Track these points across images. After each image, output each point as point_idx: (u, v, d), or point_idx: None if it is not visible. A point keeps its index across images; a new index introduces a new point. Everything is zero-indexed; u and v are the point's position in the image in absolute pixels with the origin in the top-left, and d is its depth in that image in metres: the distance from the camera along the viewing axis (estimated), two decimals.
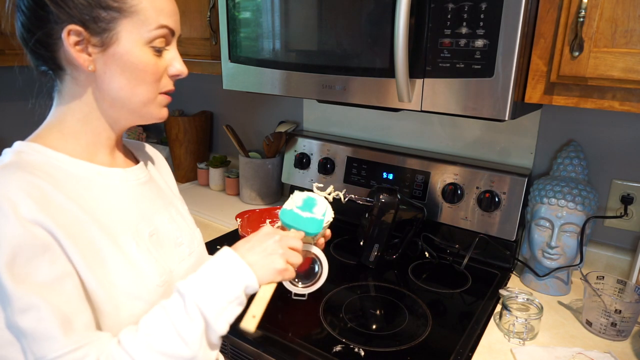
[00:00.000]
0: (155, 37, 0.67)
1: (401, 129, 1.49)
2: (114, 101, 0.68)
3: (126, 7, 0.64)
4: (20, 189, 0.58)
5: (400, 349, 0.94)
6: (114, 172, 0.72)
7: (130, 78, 0.67)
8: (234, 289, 0.65)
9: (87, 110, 0.69)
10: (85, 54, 0.64)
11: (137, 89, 0.68)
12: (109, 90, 0.67)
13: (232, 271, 0.66)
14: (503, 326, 1.01)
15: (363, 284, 1.20)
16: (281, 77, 1.14)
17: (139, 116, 0.71)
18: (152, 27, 0.66)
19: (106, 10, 0.63)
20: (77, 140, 0.69)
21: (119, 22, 0.64)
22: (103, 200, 0.68)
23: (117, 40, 0.64)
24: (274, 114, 1.78)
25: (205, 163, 1.91)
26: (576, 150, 1.17)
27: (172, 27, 0.69)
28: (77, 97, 0.68)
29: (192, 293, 0.62)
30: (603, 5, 0.78)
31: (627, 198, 1.16)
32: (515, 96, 0.86)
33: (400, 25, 0.86)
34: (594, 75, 0.81)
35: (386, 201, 1.22)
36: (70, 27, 0.62)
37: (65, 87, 0.68)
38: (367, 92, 1.01)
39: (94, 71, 0.65)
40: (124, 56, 0.65)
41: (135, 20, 0.65)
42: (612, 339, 0.98)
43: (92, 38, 0.63)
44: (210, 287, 0.64)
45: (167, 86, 0.71)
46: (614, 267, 1.21)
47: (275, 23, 1.11)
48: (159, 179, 0.86)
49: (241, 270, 0.66)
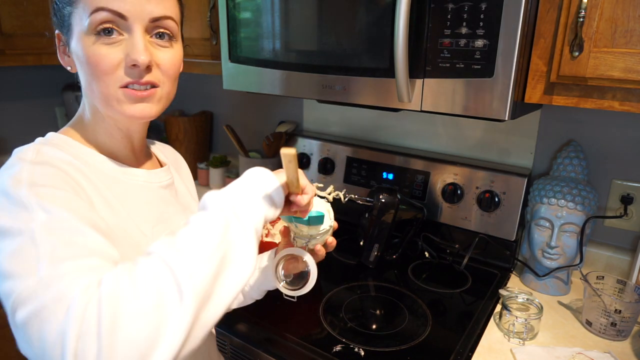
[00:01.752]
0: (95, 24, 0.59)
1: (401, 129, 1.49)
2: (92, 99, 0.67)
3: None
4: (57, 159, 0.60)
5: (400, 349, 0.94)
6: (138, 173, 0.72)
7: (86, 73, 0.62)
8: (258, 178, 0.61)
9: (92, 109, 0.69)
10: (67, 56, 0.66)
11: (92, 84, 0.63)
12: (84, 89, 0.68)
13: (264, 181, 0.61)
14: (503, 326, 1.01)
15: (363, 284, 1.20)
16: (281, 77, 1.14)
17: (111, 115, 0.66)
18: (88, 12, 0.60)
19: (65, 7, 0.63)
20: (96, 137, 0.70)
21: (72, 16, 0.62)
22: (124, 199, 0.68)
23: (72, 34, 0.63)
24: (274, 114, 1.78)
25: (205, 163, 1.91)
26: (576, 150, 1.17)
27: (113, 8, 0.60)
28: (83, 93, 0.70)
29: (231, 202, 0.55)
30: (603, 6, 0.78)
31: (627, 198, 1.16)
32: (515, 96, 0.87)
33: (400, 26, 0.86)
34: (594, 75, 0.81)
35: (386, 201, 1.22)
36: (57, 33, 0.66)
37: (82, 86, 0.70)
38: (367, 92, 1.01)
39: (74, 72, 0.67)
40: (75, 50, 0.63)
41: (79, 10, 0.61)
42: (612, 339, 0.98)
43: (64, 38, 0.65)
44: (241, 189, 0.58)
45: (124, 79, 0.62)
46: (614, 267, 1.21)
47: (276, 23, 1.11)
48: (180, 182, 0.86)
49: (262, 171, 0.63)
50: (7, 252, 0.48)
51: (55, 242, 0.48)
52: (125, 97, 0.63)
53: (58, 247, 0.48)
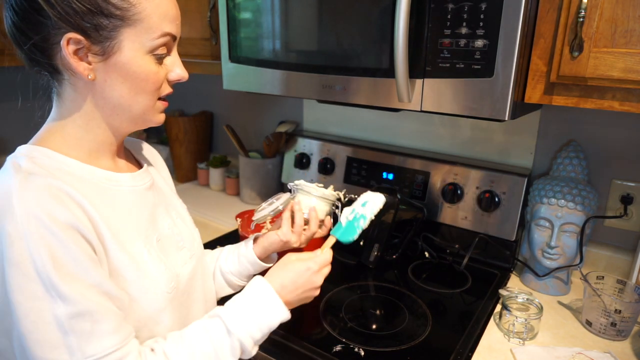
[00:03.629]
0: (158, 46, 0.65)
1: (401, 129, 1.49)
2: (114, 109, 0.67)
3: (129, 15, 0.61)
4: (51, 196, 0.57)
5: (400, 349, 0.94)
6: (122, 178, 0.71)
7: (132, 87, 0.65)
8: (273, 325, 0.73)
9: (87, 117, 0.67)
10: (85, 63, 0.62)
11: (137, 97, 0.66)
12: (109, 99, 0.65)
13: (274, 313, 0.72)
14: (503, 326, 1.01)
15: (363, 284, 1.20)
16: (281, 77, 1.14)
17: (138, 123, 0.70)
18: (155, 35, 0.64)
19: (108, 18, 0.60)
20: (80, 146, 0.67)
21: (121, 30, 0.61)
22: (114, 206, 0.67)
23: (120, 49, 0.62)
24: (274, 114, 1.79)
25: (205, 163, 1.91)
26: (576, 150, 1.17)
27: (174, 33, 0.67)
28: (76, 103, 0.66)
29: (238, 329, 0.69)
30: (603, 6, 0.78)
31: (627, 198, 1.16)
32: (515, 96, 0.87)
33: (400, 26, 0.86)
34: (593, 76, 0.81)
35: (386, 201, 1.22)
36: (70, 35, 0.59)
37: (64, 92, 0.66)
38: (367, 92, 1.01)
39: (93, 80, 0.63)
40: (125, 65, 0.63)
41: (138, 29, 0.62)
42: (612, 338, 0.98)
43: (92, 46, 0.61)
44: (254, 325, 0.70)
45: (165, 91, 0.70)
46: (614, 267, 1.21)
47: (276, 23, 1.11)
48: (159, 179, 0.85)
49: (281, 312, 0.73)
50: None
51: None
52: (162, 107, 0.71)
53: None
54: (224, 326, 0.69)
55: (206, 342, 0.67)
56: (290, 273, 0.76)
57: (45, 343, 0.54)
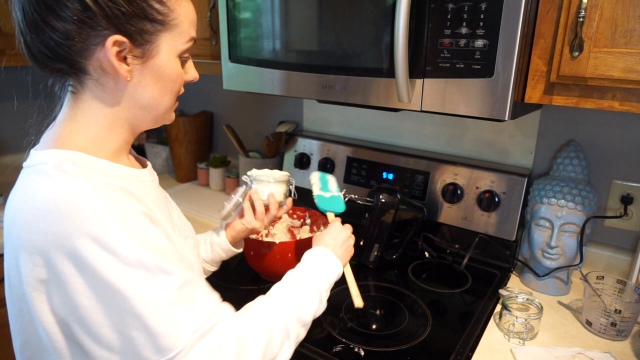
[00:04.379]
0: (186, 50, 0.70)
1: (401, 129, 1.49)
2: (142, 109, 0.68)
3: (168, 20, 0.65)
4: (117, 192, 0.60)
5: (400, 349, 0.94)
6: (143, 173, 0.72)
7: (162, 88, 0.68)
8: (334, 276, 0.87)
9: (112, 117, 0.67)
10: (125, 64, 0.63)
11: (164, 97, 0.69)
12: (139, 99, 0.67)
13: (332, 266, 0.87)
14: (503, 326, 1.01)
15: (363, 284, 1.20)
16: (281, 77, 1.14)
17: (158, 122, 0.73)
18: (185, 39, 0.68)
19: (152, 23, 0.63)
20: (105, 146, 0.67)
21: (160, 34, 0.65)
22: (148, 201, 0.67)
23: (158, 52, 0.65)
24: (274, 114, 1.79)
25: (205, 163, 1.91)
26: (576, 150, 1.17)
27: (196, 37, 0.72)
28: (102, 103, 0.66)
29: (316, 279, 0.81)
30: (603, 6, 0.78)
31: (627, 198, 1.16)
32: (515, 96, 0.87)
33: (400, 26, 0.86)
34: (593, 76, 0.81)
35: (386, 201, 1.22)
36: (116, 38, 0.60)
37: (86, 92, 0.65)
38: (367, 92, 1.01)
39: (130, 81, 0.64)
40: (160, 68, 0.66)
41: (174, 33, 0.66)
42: (612, 339, 0.98)
43: (134, 49, 0.63)
44: (324, 276, 0.83)
45: (181, 91, 0.73)
46: (614, 267, 1.21)
47: (275, 23, 1.11)
48: None
49: (336, 265, 0.88)
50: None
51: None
52: (175, 107, 0.74)
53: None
54: (306, 279, 0.81)
55: (295, 294, 0.77)
56: (328, 236, 0.92)
57: (161, 318, 0.57)
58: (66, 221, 0.55)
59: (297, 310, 0.74)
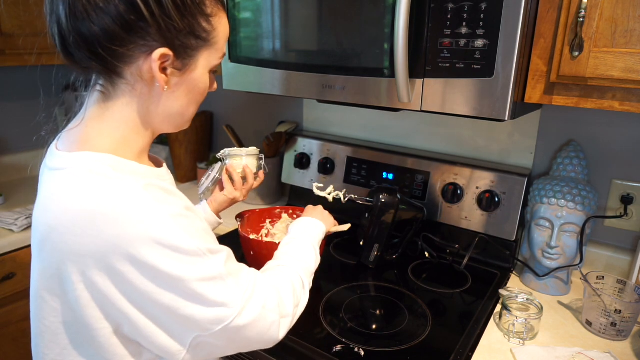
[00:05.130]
0: (218, 65, 0.72)
1: (401, 129, 1.49)
2: (169, 117, 0.70)
3: (210, 38, 0.67)
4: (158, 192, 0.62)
5: (400, 349, 0.94)
6: (163, 173, 0.74)
7: (191, 99, 0.71)
8: (322, 234, 1.01)
9: (141, 121, 0.68)
10: (164, 75, 0.64)
11: (191, 107, 0.72)
12: (169, 108, 0.69)
13: (318, 226, 1.01)
14: (503, 326, 1.01)
15: (363, 284, 1.20)
16: (281, 77, 1.14)
17: (179, 128, 0.75)
18: (219, 56, 0.71)
19: (197, 40, 0.65)
20: (131, 148, 0.68)
21: (201, 50, 0.67)
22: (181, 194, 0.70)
23: (195, 67, 0.68)
24: (274, 114, 1.79)
25: (205, 163, 1.91)
26: (576, 150, 1.17)
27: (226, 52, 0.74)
28: (133, 107, 0.67)
29: (308, 237, 0.94)
30: (603, 6, 0.78)
31: (627, 198, 1.16)
32: (515, 96, 0.87)
33: (400, 25, 0.86)
34: (593, 75, 0.81)
35: (386, 201, 1.22)
36: (163, 51, 0.62)
37: (118, 94, 0.66)
38: (367, 92, 1.01)
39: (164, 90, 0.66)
40: (195, 81, 0.69)
41: (211, 50, 0.69)
42: (612, 338, 0.98)
43: (175, 62, 0.64)
44: (314, 235, 0.97)
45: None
46: (614, 267, 1.21)
47: (275, 23, 1.11)
48: None
49: (320, 225, 1.01)
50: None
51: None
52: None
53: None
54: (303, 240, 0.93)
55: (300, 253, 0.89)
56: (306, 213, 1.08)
57: (218, 292, 0.63)
58: (122, 225, 0.57)
59: (305, 264, 0.86)
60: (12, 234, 1.44)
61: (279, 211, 1.33)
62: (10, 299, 1.44)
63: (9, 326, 1.45)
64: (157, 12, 0.59)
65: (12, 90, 1.88)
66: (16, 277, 1.44)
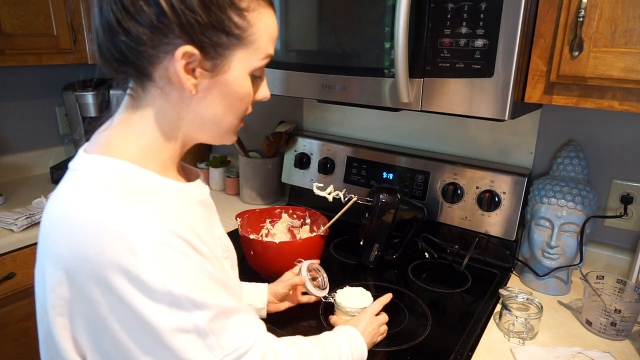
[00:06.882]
0: (261, 67, 0.64)
1: (401, 129, 1.49)
2: (202, 125, 0.64)
3: (246, 36, 0.60)
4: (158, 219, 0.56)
5: (400, 348, 0.94)
6: (190, 187, 0.67)
7: (228, 106, 0.63)
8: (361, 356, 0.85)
9: (171, 128, 0.63)
10: (192, 77, 0.59)
11: (228, 116, 0.64)
12: (202, 115, 0.63)
13: (361, 351, 0.84)
14: (503, 326, 1.01)
15: (363, 283, 1.20)
16: (281, 77, 1.14)
17: (216, 140, 0.68)
18: (261, 57, 0.63)
19: (228, 37, 0.58)
20: (157, 157, 0.63)
21: (235, 50, 0.60)
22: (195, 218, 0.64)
23: (229, 68, 0.60)
24: (274, 114, 1.79)
25: (205, 163, 1.91)
26: (576, 150, 1.17)
27: (273, 54, 0.65)
28: (163, 113, 0.62)
29: (347, 348, 0.80)
30: (603, 5, 0.78)
31: (627, 198, 1.16)
32: (515, 96, 0.87)
33: (400, 25, 0.86)
34: (593, 75, 0.81)
35: (386, 201, 1.22)
36: (187, 49, 0.56)
37: (147, 98, 0.62)
38: (367, 92, 1.01)
39: (194, 94, 0.60)
40: (229, 85, 0.61)
41: (249, 50, 0.61)
42: (612, 338, 0.98)
43: (204, 62, 0.58)
44: (351, 354, 0.81)
45: (249, 110, 0.68)
46: (614, 267, 1.21)
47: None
48: None
49: (364, 351, 0.85)
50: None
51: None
52: (239, 127, 0.69)
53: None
54: (341, 348, 0.79)
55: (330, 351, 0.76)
56: (363, 323, 0.89)
57: (188, 350, 0.55)
58: (98, 246, 0.53)
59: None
60: (12, 234, 1.44)
61: (279, 211, 1.33)
62: (10, 299, 1.44)
63: (9, 326, 1.45)
64: (177, 4, 0.54)
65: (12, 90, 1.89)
66: (16, 277, 1.44)
